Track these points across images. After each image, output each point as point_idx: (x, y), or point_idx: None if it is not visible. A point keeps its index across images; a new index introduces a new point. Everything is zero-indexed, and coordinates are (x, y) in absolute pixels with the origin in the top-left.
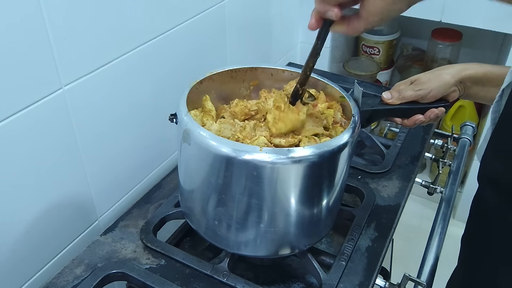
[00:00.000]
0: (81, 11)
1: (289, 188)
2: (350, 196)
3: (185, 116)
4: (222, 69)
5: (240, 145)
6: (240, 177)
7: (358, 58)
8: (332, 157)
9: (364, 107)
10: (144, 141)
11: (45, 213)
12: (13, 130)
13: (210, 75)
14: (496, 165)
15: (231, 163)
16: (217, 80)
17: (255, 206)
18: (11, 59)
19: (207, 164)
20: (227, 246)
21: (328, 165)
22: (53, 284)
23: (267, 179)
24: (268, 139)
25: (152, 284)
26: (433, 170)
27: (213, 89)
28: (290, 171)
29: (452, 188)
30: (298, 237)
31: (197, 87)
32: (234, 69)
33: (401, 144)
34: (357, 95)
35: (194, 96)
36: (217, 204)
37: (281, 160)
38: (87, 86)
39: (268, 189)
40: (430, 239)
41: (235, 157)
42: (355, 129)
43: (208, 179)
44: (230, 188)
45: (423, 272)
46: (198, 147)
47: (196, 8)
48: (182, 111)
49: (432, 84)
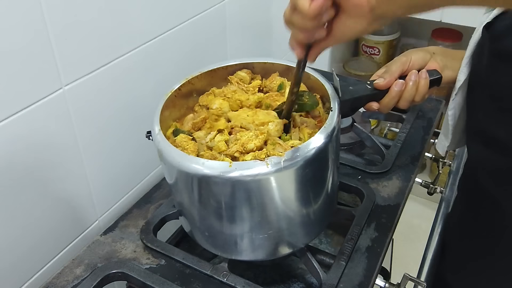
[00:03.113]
0: (82, 11)
1: (271, 197)
2: (350, 196)
3: (158, 134)
4: (198, 72)
5: (210, 162)
6: (217, 194)
7: (358, 58)
8: (313, 158)
9: (345, 96)
10: (144, 141)
11: (45, 212)
12: (13, 130)
13: (187, 81)
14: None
15: (205, 182)
16: (196, 84)
17: (240, 217)
18: (11, 59)
19: (183, 182)
20: (223, 253)
21: (309, 167)
22: (53, 284)
23: (243, 193)
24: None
25: (152, 284)
26: (433, 170)
27: (194, 91)
28: (266, 182)
29: (452, 188)
30: (293, 238)
31: (175, 95)
32: (211, 69)
33: (401, 144)
34: (335, 84)
35: (174, 103)
36: (202, 218)
37: (253, 174)
38: (87, 86)
39: (248, 202)
40: (430, 239)
41: (207, 175)
42: (332, 124)
43: (188, 195)
44: (210, 204)
45: (423, 272)
46: (171, 166)
47: (197, 8)
48: (155, 129)
49: (408, 54)
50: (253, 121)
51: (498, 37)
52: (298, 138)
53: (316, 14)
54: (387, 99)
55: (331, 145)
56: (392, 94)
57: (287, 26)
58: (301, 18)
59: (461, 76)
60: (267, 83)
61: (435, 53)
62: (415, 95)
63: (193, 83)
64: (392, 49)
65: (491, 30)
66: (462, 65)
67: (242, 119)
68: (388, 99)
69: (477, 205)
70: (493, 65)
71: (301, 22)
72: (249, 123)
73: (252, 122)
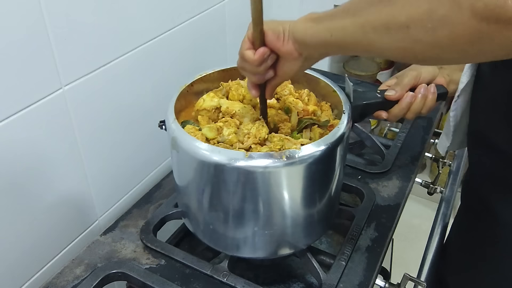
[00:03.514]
0: (82, 11)
1: (280, 191)
2: (350, 196)
3: (173, 123)
4: (212, 70)
5: (226, 151)
6: (229, 184)
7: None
8: (324, 157)
9: (356, 101)
10: (144, 141)
11: (45, 213)
12: (13, 130)
13: (200, 77)
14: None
15: (219, 170)
16: (207, 81)
17: (248, 210)
18: (11, 59)
19: (196, 171)
20: (225, 249)
21: (320, 165)
22: (53, 284)
23: (256, 184)
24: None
25: (152, 284)
26: (433, 170)
27: (205, 90)
28: (280, 174)
29: (452, 188)
30: (296, 237)
31: (187, 90)
32: (226, 69)
33: (401, 144)
34: (348, 90)
35: (185, 99)
36: (210, 210)
37: (269, 165)
38: (87, 86)
39: (259, 194)
40: (430, 239)
41: (223, 164)
42: (346, 126)
43: (199, 185)
44: (220, 194)
45: (423, 272)
46: (186, 154)
47: (196, 8)
48: (169, 118)
49: (418, 67)
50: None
51: None
52: (309, 138)
53: (260, 61)
54: (397, 110)
55: (341, 145)
56: (402, 105)
57: (241, 72)
58: (250, 65)
59: (463, 78)
60: (278, 90)
61: (442, 67)
62: (422, 108)
63: (205, 81)
64: None
65: None
66: (466, 67)
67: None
68: (397, 110)
69: (477, 212)
70: (495, 69)
71: (250, 68)
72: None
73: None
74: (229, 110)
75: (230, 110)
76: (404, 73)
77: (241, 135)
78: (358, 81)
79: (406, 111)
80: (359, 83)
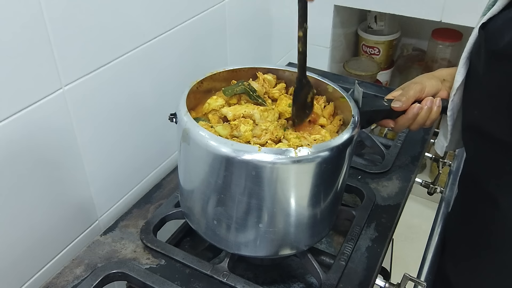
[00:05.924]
0: (82, 11)
1: (288, 188)
2: (350, 196)
3: (185, 115)
4: (223, 69)
5: (239, 144)
6: (239, 177)
7: (358, 58)
8: (333, 157)
9: (364, 107)
10: (144, 141)
11: (45, 213)
12: (13, 130)
13: (211, 75)
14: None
15: (230, 163)
16: (217, 80)
17: (255, 206)
18: (11, 59)
19: (206, 164)
20: (227, 246)
21: (328, 165)
22: (53, 284)
23: (266, 179)
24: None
25: (152, 284)
26: (433, 170)
27: (213, 89)
28: (289, 171)
29: (452, 188)
30: (298, 237)
31: (197, 87)
32: (235, 69)
33: (401, 144)
34: (357, 95)
35: (194, 96)
36: (216, 204)
37: (280, 160)
38: (87, 86)
39: (267, 189)
40: (430, 239)
41: (234, 157)
42: (355, 129)
43: (207, 178)
44: (229, 188)
45: (423, 272)
46: (197, 146)
47: (196, 8)
48: (181, 110)
49: (423, 81)
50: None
51: (492, 36)
52: (296, 137)
53: None
54: (403, 120)
55: (350, 147)
56: (409, 115)
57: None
58: None
59: (458, 77)
60: (290, 91)
61: (445, 79)
62: (427, 120)
63: (214, 79)
64: (392, 49)
65: (486, 30)
66: (460, 65)
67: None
68: (404, 120)
69: (475, 200)
70: (489, 64)
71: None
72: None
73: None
74: (238, 114)
75: (238, 114)
76: (409, 85)
77: (258, 130)
78: (358, 81)
79: (412, 122)
80: (359, 83)
